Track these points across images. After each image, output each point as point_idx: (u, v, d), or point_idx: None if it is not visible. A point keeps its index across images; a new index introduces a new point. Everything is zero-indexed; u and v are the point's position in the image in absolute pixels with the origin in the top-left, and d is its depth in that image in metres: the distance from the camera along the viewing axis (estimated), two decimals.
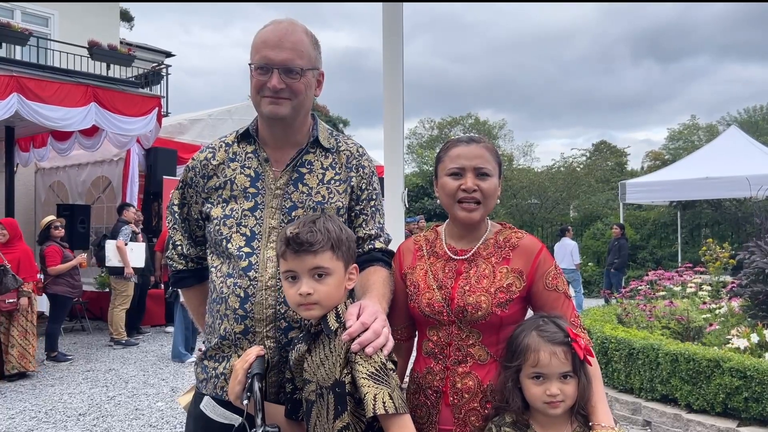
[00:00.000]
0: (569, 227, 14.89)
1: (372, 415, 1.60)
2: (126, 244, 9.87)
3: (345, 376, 1.68)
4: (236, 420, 1.89)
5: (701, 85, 78.57)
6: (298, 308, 1.78)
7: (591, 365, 1.86)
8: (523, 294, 1.98)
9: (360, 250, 2.09)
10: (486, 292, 1.94)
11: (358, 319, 1.70)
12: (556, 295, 1.98)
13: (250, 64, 1.99)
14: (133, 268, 9.97)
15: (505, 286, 1.95)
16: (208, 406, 1.96)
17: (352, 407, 1.68)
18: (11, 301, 7.52)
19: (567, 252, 13.58)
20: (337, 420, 1.69)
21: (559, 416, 1.85)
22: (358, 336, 1.67)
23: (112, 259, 9.76)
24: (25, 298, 7.59)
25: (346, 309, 1.78)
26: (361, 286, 1.97)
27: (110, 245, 9.84)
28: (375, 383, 1.63)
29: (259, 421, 1.72)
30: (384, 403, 1.60)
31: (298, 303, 1.77)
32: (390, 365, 1.69)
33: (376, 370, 1.64)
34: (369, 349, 1.65)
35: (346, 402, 1.68)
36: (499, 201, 2.08)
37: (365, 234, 2.12)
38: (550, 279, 1.99)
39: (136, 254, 10.12)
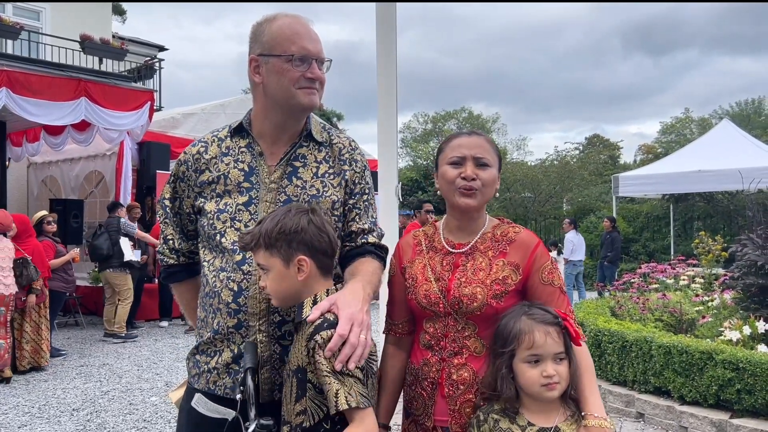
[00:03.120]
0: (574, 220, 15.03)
1: (335, 411, 1.65)
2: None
3: (307, 365, 1.73)
4: (229, 414, 1.90)
5: (692, 77, 78.83)
6: None
7: (580, 345, 1.90)
8: (519, 287, 2.00)
9: (353, 243, 2.11)
10: (482, 284, 1.96)
11: (328, 314, 1.74)
12: (551, 289, 2.00)
13: (277, 56, 1.97)
14: (130, 262, 10.05)
15: (501, 278, 1.98)
16: (200, 403, 1.96)
17: (312, 394, 1.72)
18: (23, 298, 7.57)
19: (581, 245, 13.67)
20: (297, 403, 1.76)
21: (551, 402, 1.86)
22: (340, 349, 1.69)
23: (130, 255, 9.86)
24: (32, 295, 7.66)
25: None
26: (350, 274, 1.99)
27: (125, 242, 10.01)
28: (337, 379, 1.66)
29: (252, 414, 1.74)
30: (346, 397, 1.64)
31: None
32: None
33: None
34: (351, 365, 1.67)
35: (306, 388, 1.74)
36: (497, 195, 2.11)
37: (358, 228, 2.12)
38: (546, 273, 2.01)
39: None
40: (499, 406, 1.88)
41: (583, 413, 1.87)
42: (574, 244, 13.68)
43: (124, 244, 9.96)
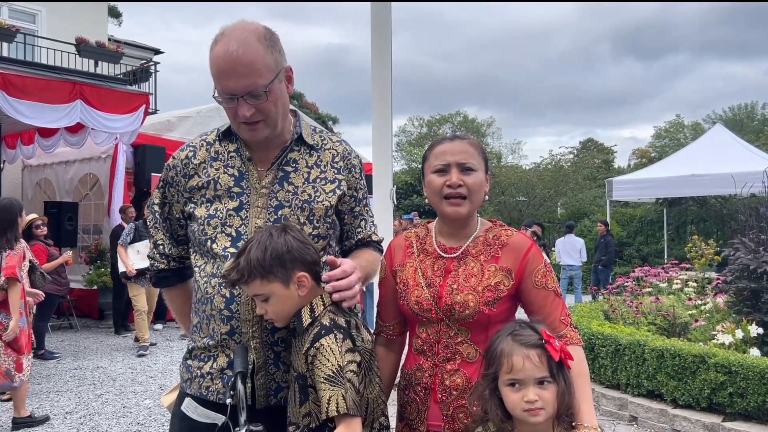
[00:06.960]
0: (574, 224, 15.11)
1: (326, 417, 1.70)
2: (128, 245, 9.85)
3: (306, 372, 1.77)
4: (219, 419, 1.89)
5: (683, 82, 79.33)
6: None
7: (569, 367, 1.81)
8: (512, 292, 1.97)
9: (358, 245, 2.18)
10: (473, 291, 1.94)
11: (324, 320, 1.80)
12: (545, 293, 1.97)
13: (213, 96, 1.92)
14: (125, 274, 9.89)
15: (493, 284, 1.95)
16: (190, 408, 1.95)
17: (314, 398, 1.76)
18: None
19: (576, 249, 13.68)
20: (302, 407, 1.80)
21: (542, 424, 1.78)
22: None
23: (137, 263, 9.73)
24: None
25: (321, 303, 1.87)
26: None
27: (132, 249, 9.82)
28: (331, 385, 1.70)
29: (242, 420, 1.74)
30: (337, 404, 1.69)
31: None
32: (350, 366, 1.75)
33: (333, 372, 1.72)
34: (336, 296, 1.81)
35: (307, 393, 1.78)
36: (487, 197, 2.08)
37: (365, 235, 2.16)
38: (539, 277, 1.97)
39: (144, 254, 10.08)
40: (495, 427, 1.82)
41: (573, 423, 1.80)
42: (558, 250, 13.81)
43: (131, 251, 9.74)
